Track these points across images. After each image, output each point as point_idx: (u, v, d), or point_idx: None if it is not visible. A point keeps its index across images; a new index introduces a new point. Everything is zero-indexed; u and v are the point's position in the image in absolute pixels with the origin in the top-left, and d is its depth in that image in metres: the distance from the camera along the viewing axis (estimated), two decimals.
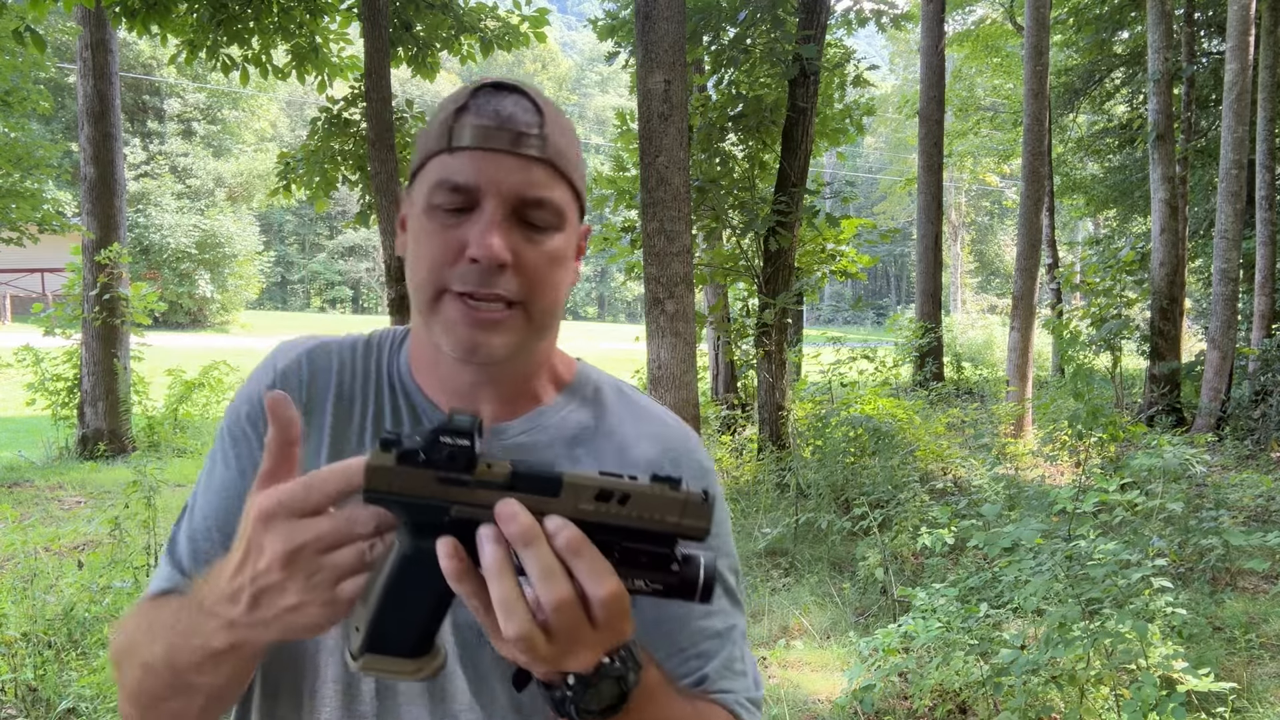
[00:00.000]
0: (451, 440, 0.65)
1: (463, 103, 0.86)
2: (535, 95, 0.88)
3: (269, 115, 37.50)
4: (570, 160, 0.88)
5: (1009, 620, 4.09)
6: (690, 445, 0.99)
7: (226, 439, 0.94)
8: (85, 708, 3.52)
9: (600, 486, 0.65)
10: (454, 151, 0.84)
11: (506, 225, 0.84)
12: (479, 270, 0.83)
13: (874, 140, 54.14)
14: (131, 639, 0.84)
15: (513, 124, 0.84)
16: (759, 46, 8.68)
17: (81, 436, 9.40)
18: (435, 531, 0.65)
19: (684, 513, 0.66)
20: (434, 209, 0.85)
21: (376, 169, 7.67)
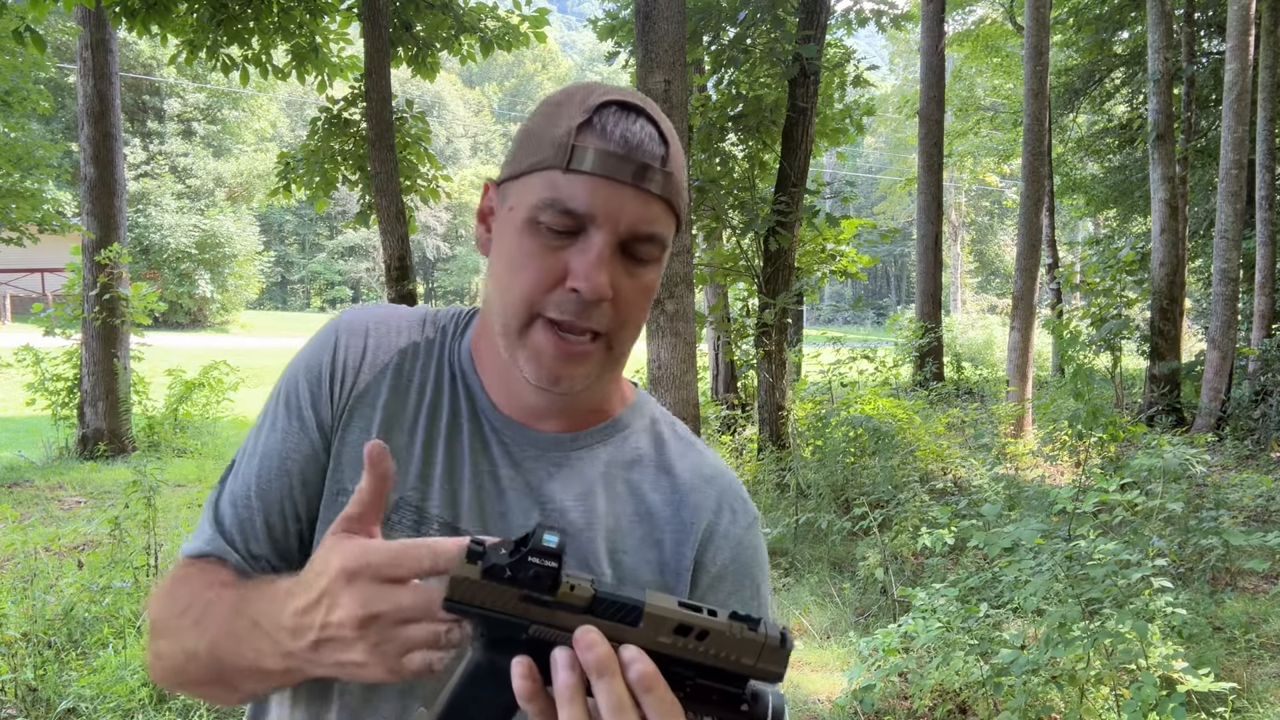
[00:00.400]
0: (539, 561, 0.65)
1: (586, 118, 0.81)
2: (662, 122, 0.84)
3: (269, 115, 37.48)
4: (683, 192, 0.86)
5: (1009, 620, 4.09)
6: (742, 493, 0.99)
7: (280, 403, 0.92)
8: (85, 708, 3.52)
9: (680, 621, 0.65)
10: (571, 173, 0.80)
11: (612, 259, 0.81)
12: (578, 302, 0.81)
13: (874, 140, 54.13)
14: (175, 619, 0.83)
15: (639, 155, 0.80)
16: (759, 46, 8.69)
17: (81, 436, 9.40)
18: (511, 647, 0.66)
19: (760, 656, 0.66)
20: (537, 226, 0.81)
21: (376, 169, 7.67)
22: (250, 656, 0.75)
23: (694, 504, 0.94)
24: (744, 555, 0.95)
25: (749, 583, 0.95)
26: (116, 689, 3.58)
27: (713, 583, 0.93)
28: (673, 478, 0.95)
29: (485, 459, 0.91)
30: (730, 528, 0.95)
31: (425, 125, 9.78)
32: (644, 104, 0.84)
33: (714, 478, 0.97)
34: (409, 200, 8.94)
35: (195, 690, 0.84)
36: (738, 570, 0.94)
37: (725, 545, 0.94)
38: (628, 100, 0.83)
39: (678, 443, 0.99)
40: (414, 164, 9.51)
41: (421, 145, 9.63)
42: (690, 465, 0.97)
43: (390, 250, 7.73)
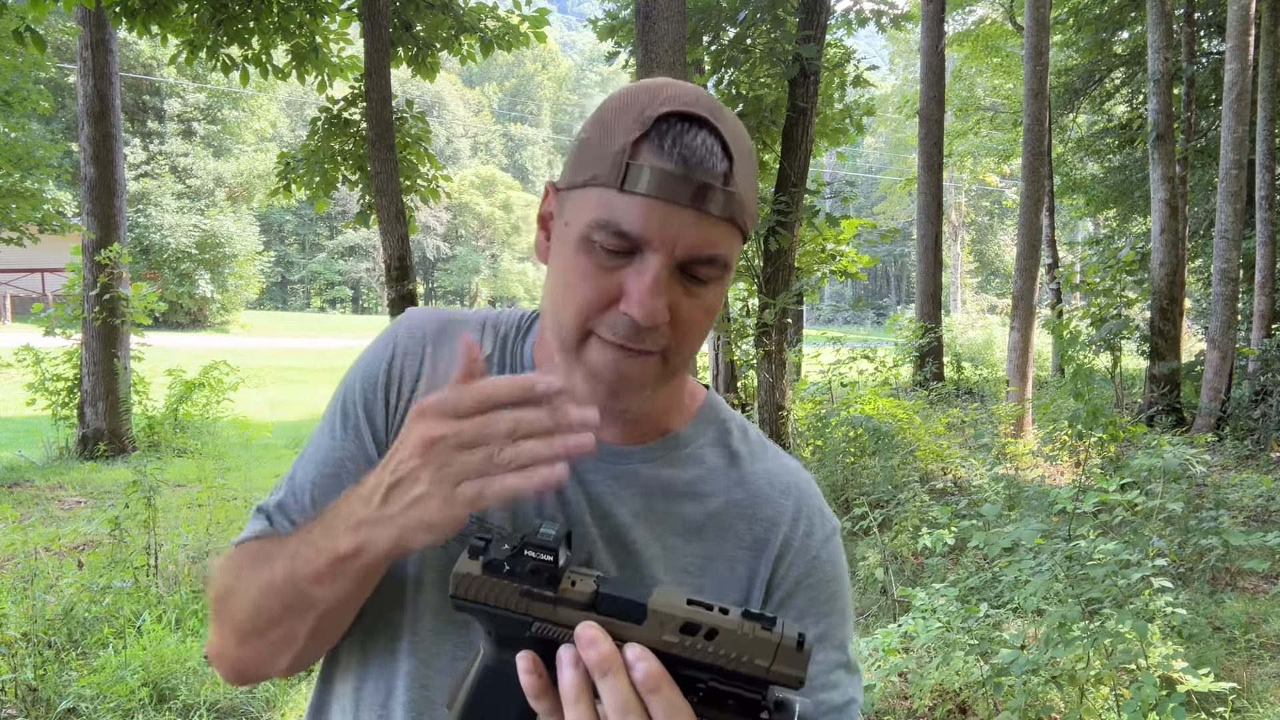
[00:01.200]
0: (535, 555, 0.64)
1: (645, 131, 0.76)
2: (727, 133, 0.77)
3: (269, 115, 37.49)
4: (749, 207, 0.80)
5: (1009, 620, 4.10)
6: (820, 503, 0.96)
7: (337, 411, 0.92)
8: (85, 708, 3.52)
9: (687, 619, 0.62)
10: (626, 193, 0.75)
11: (670, 281, 0.77)
12: (631, 325, 0.77)
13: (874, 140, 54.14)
14: (240, 573, 0.84)
15: (700, 174, 0.75)
16: (759, 46, 8.69)
17: (81, 436, 9.40)
18: (517, 645, 0.65)
19: (776, 658, 0.61)
20: (592, 245, 0.77)
21: (376, 169, 7.67)
22: (326, 547, 0.75)
23: (768, 517, 0.91)
24: (820, 571, 0.91)
25: (824, 598, 0.91)
26: (116, 689, 3.58)
27: (785, 599, 0.90)
28: (745, 489, 0.92)
29: None
30: (806, 541, 0.91)
31: (425, 125, 9.78)
32: (710, 113, 0.78)
33: (790, 488, 0.94)
34: (409, 200, 8.94)
35: (263, 638, 0.82)
36: (812, 586, 0.90)
37: (800, 560, 0.91)
38: (690, 110, 0.77)
39: (749, 452, 0.96)
40: (414, 164, 9.50)
41: (421, 145, 9.63)
42: (764, 476, 0.94)
43: (390, 250, 7.73)
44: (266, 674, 0.86)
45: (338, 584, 0.76)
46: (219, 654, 0.86)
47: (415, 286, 7.98)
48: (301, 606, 0.78)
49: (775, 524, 0.91)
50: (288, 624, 0.80)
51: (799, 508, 0.93)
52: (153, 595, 4.51)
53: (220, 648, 0.86)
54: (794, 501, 0.93)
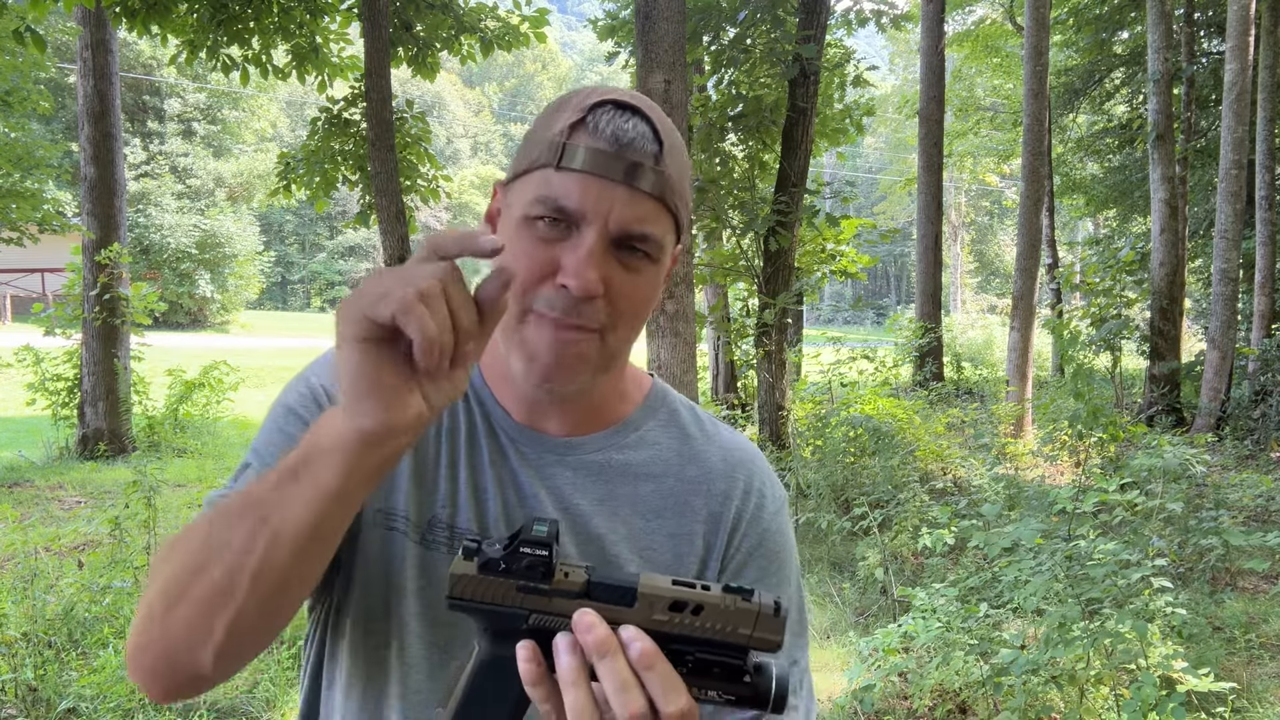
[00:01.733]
0: (530, 551, 0.67)
1: (580, 116, 0.81)
2: (657, 120, 0.83)
3: (269, 115, 37.49)
4: (681, 193, 0.85)
5: (1009, 620, 4.09)
6: (770, 475, 1.00)
7: (286, 409, 0.89)
8: (85, 708, 3.52)
9: (674, 598, 0.67)
10: (562, 170, 0.80)
11: (604, 254, 0.80)
12: (568, 298, 0.80)
13: (874, 140, 54.13)
14: (191, 524, 0.75)
15: (631, 152, 0.80)
16: (759, 46, 8.69)
17: (81, 436, 9.40)
18: (513, 638, 0.67)
19: (756, 625, 0.67)
20: (531, 221, 0.81)
21: (376, 169, 7.67)
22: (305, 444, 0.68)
23: (722, 491, 0.95)
24: (770, 541, 0.96)
25: (775, 566, 0.96)
26: (116, 689, 3.58)
27: (739, 568, 0.94)
28: (699, 466, 0.96)
29: (505, 469, 0.91)
30: (758, 514, 0.96)
31: (425, 125, 9.78)
32: (641, 103, 0.83)
33: (741, 463, 0.98)
34: (409, 200, 8.94)
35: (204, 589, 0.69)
36: (764, 555, 0.95)
37: (753, 531, 0.95)
38: (623, 99, 0.83)
39: (700, 431, 0.99)
40: (414, 164, 9.51)
41: (421, 145, 9.63)
42: (717, 453, 0.98)
43: (390, 250, 7.73)
44: (193, 665, 0.71)
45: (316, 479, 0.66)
46: (138, 645, 0.73)
47: None
48: (254, 527, 0.67)
49: (729, 498, 0.95)
50: (230, 559, 0.68)
51: (750, 481, 0.97)
52: None
53: (140, 632, 0.73)
54: (745, 475, 0.97)
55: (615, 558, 0.90)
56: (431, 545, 0.87)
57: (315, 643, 0.93)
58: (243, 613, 0.69)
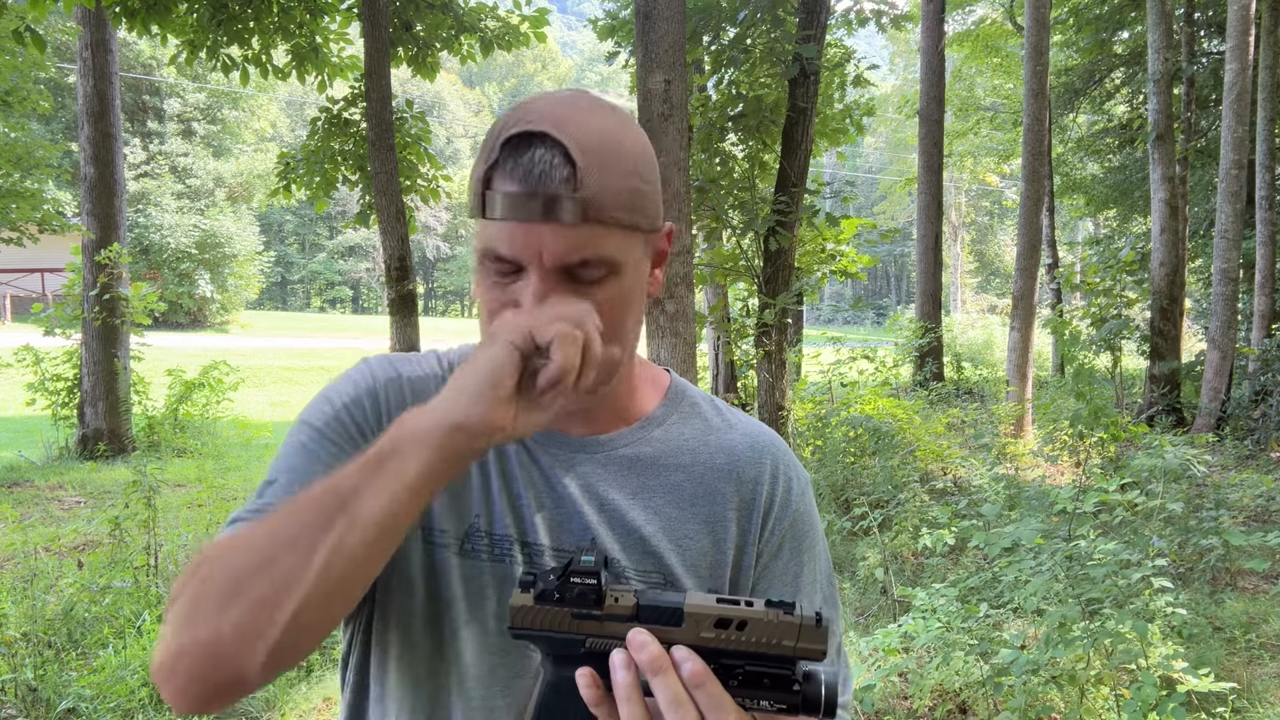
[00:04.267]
0: (581, 580, 0.73)
1: (494, 159, 0.80)
2: (568, 140, 0.79)
3: (269, 115, 37.47)
4: (621, 202, 0.81)
5: (1009, 620, 4.10)
6: (792, 458, 1.03)
7: (313, 429, 0.89)
8: (85, 708, 3.52)
9: (719, 615, 0.71)
10: (489, 220, 0.80)
11: (554, 288, 0.80)
12: None
13: (874, 140, 54.14)
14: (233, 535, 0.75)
15: (543, 187, 0.78)
16: (759, 46, 8.68)
17: (81, 436, 9.40)
18: (574, 662, 0.73)
19: (800, 637, 0.71)
20: (486, 268, 0.83)
21: (376, 169, 7.67)
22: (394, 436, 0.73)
23: (752, 478, 0.97)
24: (801, 522, 1.00)
25: (806, 544, 1.00)
26: (116, 689, 3.58)
27: (776, 549, 0.97)
28: (727, 454, 0.98)
29: (536, 471, 0.92)
30: (787, 496, 0.99)
31: (425, 125, 9.78)
32: (553, 124, 0.79)
33: (766, 448, 1.00)
34: (409, 200, 8.94)
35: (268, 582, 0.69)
36: (796, 536, 0.99)
37: (784, 514, 0.98)
38: (530, 127, 0.79)
39: (723, 421, 1.02)
40: (414, 164, 9.51)
41: (421, 145, 9.63)
42: (741, 440, 1.00)
43: (390, 250, 7.73)
44: (240, 667, 0.69)
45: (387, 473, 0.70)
46: (175, 653, 0.70)
47: (415, 286, 7.98)
48: (332, 514, 0.69)
49: (758, 483, 0.98)
50: (304, 546, 0.68)
51: (776, 466, 1.00)
52: (153, 595, 4.51)
53: (177, 639, 0.70)
54: (771, 461, 1.00)
55: (655, 550, 0.91)
56: (471, 555, 0.89)
57: (356, 658, 0.94)
58: (306, 605, 0.68)
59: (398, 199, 7.72)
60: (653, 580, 0.90)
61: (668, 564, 0.91)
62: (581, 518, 0.90)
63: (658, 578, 0.90)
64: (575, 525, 0.90)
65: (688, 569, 0.91)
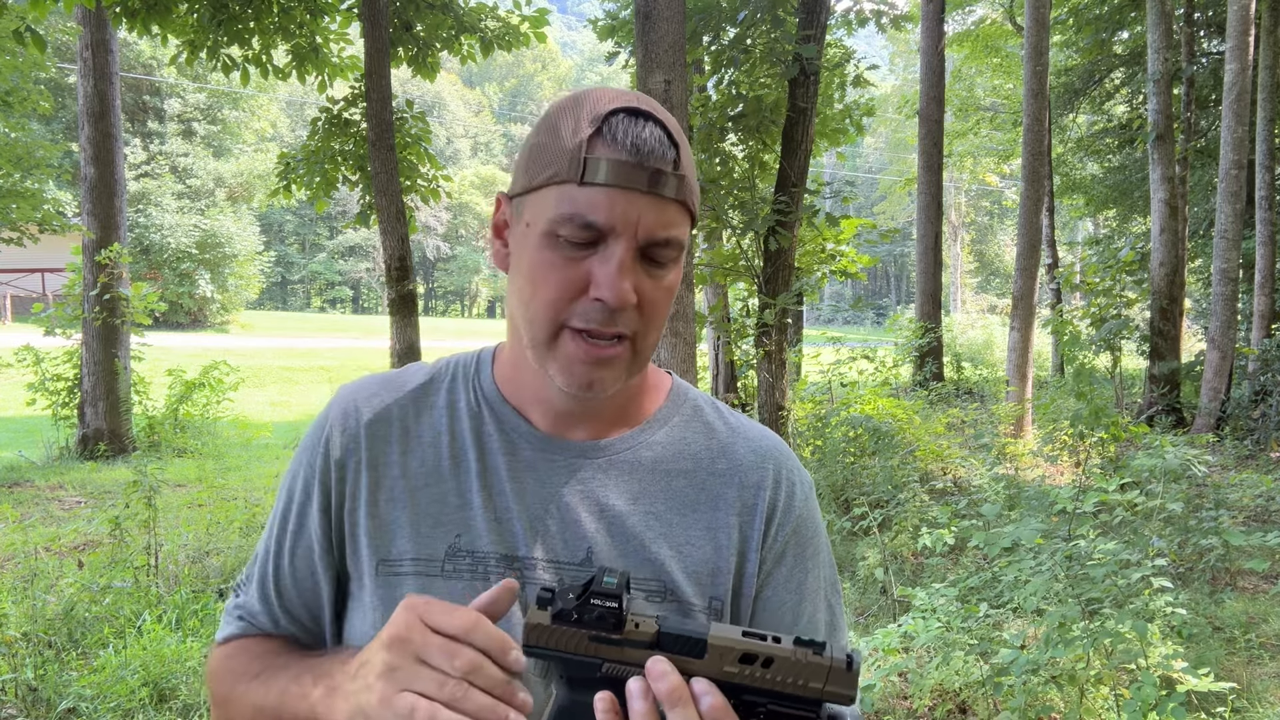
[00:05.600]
0: (601, 602, 0.70)
1: (596, 128, 0.81)
2: (669, 123, 0.84)
3: (269, 115, 37.46)
4: (696, 192, 0.87)
5: (1009, 620, 4.10)
6: (795, 463, 1.01)
7: (287, 502, 0.96)
8: (85, 708, 3.52)
9: (745, 650, 0.68)
10: (587, 185, 0.80)
11: (633, 265, 0.82)
12: (603, 310, 0.82)
13: (874, 140, 54.14)
14: (237, 686, 0.91)
15: (652, 161, 0.80)
16: (759, 46, 8.68)
17: (82, 436, 9.40)
18: (589, 685, 0.70)
19: (828, 679, 0.67)
20: (556, 239, 0.82)
21: (376, 169, 7.67)
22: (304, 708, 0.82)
23: (755, 482, 0.96)
24: (805, 527, 0.98)
25: (810, 550, 0.98)
26: (116, 689, 3.58)
27: (779, 557, 0.96)
28: (728, 459, 0.97)
29: (533, 479, 0.92)
30: (790, 501, 0.97)
31: (425, 125, 9.78)
32: (651, 107, 0.84)
33: (768, 452, 0.99)
34: (409, 200, 8.94)
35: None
36: (799, 541, 0.97)
37: (788, 519, 0.97)
38: (635, 106, 0.83)
39: (725, 425, 1.01)
40: (414, 164, 9.50)
41: (422, 145, 9.62)
42: (743, 444, 0.99)
43: (390, 250, 7.73)
44: None
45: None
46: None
47: (415, 286, 7.98)
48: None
49: (761, 488, 0.96)
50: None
51: (779, 471, 0.98)
52: (153, 595, 4.52)
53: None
54: (774, 465, 0.98)
55: (654, 556, 0.90)
56: (453, 576, 0.89)
57: None
58: None
59: (398, 199, 7.72)
60: (650, 589, 0.89)
61: (668, 571, 0.89)
62: (579, 526, 0.89)
63: (656, 585, 0.89)
64: (572, 535, 0.89)
65: (688, 576, 0.90)
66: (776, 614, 0.95)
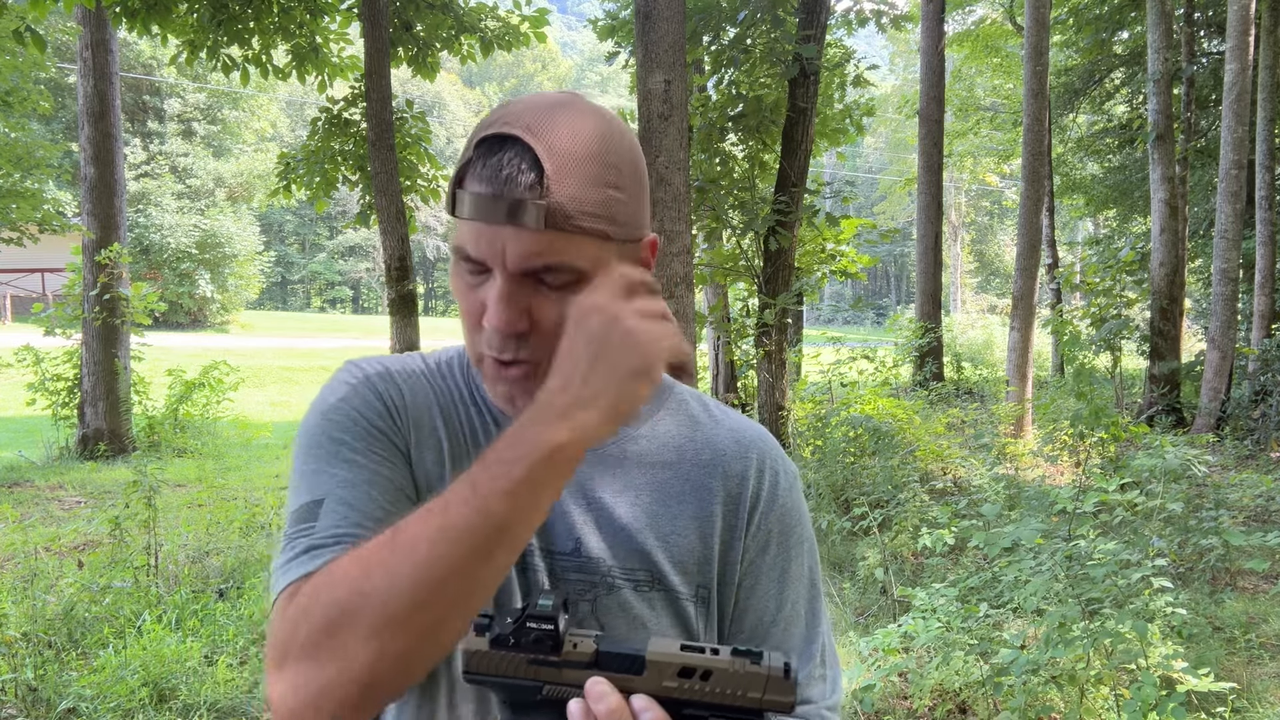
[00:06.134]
0: (537, 625, 0.69)
1: (468, 158, 0.81)
2: (540, 145, 0.78)
3: (269, 115, 37.46)
4: (590, 211, 0.80)
5: (1009, 620, 4.10)
6: (779, 452, 1.02)
7: (341, 443, 0.85)
8: (85, 708, 3.52)
9: (682, 664, 0.68)
10: (460, 219, 0.81)
11: (518, 291, 0.81)
12: (498, 337, 0.82)
13: (874, 140, 54.14)
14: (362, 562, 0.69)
15: (510, 190, 0.77)
16: (759, 46, 8.68)
17: (82, 436, 9.40)
18: (530, 710, 0.70)
19: (766, 688, 0.68)
20: (460, 269, 0.85)
21: (376, 169, 7.67)
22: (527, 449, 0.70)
23: (738, 473, 0.97)
24: (788, 517, 0.99)
25: (793, 540, 0.99)
26: (116, 689, 3.58)
27: (763, 546, 0.97)
28: (712, 450, 0.98)
29: None
30: (774, 491, 0.99)
31: (425, 125, 9.78)
32: (527, 128, 0.79)
33: (752, 443, 1.00)
34: (409, 200, 8.94)
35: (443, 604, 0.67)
36: (783, 530, 0.98)
37: (771, 509, 0.98)
38: (504, 131, 0.79)
39: (709, 417, 1.02)
40: (414, 164, 9.51)
41: (422, 145, 9.63)
42: (727, 435, 1.00)
43: (390, 250, 7.73)
44: (401, 689, 0.69)
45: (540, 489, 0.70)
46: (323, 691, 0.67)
47: (415, 286, 7.98)
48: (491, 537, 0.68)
49: (744, 478, 0.97)
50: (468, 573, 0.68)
51: (763, 460, 0.99)
52: (153, 595, 4.52)
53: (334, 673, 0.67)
54: (758, 455, 0.99)
55: (642, 546, 0.91)
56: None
57: None
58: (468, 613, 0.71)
59: (398, 199, 7.72)
60: (639, 579, 0.90)
61: (655, 560, 0.91)
62: (567, 518, 0.90)
63: (644, 575, 0.91)
64: (561, 525, 0.90)
65: (675, 566, 0.92)
66: (760, 601, 0.96)
